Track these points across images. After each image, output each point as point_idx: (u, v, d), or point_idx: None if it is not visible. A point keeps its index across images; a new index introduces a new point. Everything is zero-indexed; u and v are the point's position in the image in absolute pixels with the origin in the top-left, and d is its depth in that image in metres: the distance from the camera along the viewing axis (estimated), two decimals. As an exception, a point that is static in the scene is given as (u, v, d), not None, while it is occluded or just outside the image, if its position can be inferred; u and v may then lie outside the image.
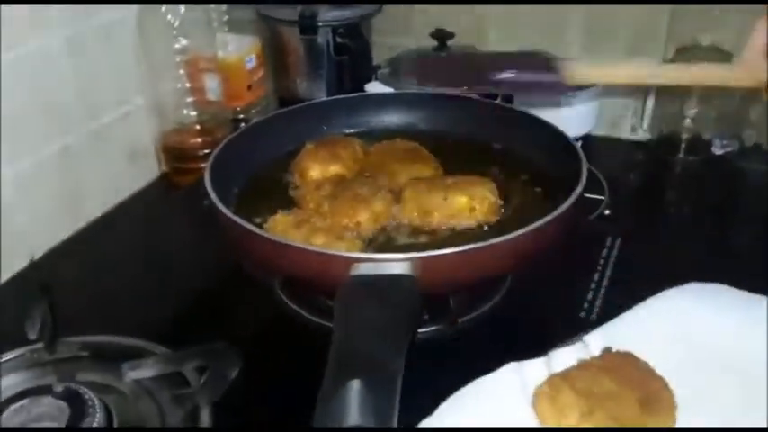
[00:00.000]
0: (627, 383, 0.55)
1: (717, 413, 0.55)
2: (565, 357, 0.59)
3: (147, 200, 1.02)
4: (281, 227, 0.69)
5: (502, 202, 0.75)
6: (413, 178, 0.78)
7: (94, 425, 0.55)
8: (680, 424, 0.54)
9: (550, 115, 0.86)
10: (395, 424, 0.45)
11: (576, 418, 0.52)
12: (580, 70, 0.71)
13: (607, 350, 0.59)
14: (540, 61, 0.74)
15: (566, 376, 0.56)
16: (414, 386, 0.56)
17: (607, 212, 0.80)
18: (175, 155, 1.04)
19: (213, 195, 0.69)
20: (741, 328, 0.62)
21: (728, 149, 1.05)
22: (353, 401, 0.44)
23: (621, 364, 0.57)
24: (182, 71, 1.01)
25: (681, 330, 0.62)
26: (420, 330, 0.68)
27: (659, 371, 0.57)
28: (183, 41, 0.99)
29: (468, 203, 0.73)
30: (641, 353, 0.58)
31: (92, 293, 0.81)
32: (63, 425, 0.55)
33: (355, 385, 0.45)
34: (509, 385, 0.57)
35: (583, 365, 0.57)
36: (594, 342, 0.60)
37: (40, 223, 0.88)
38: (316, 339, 0.55)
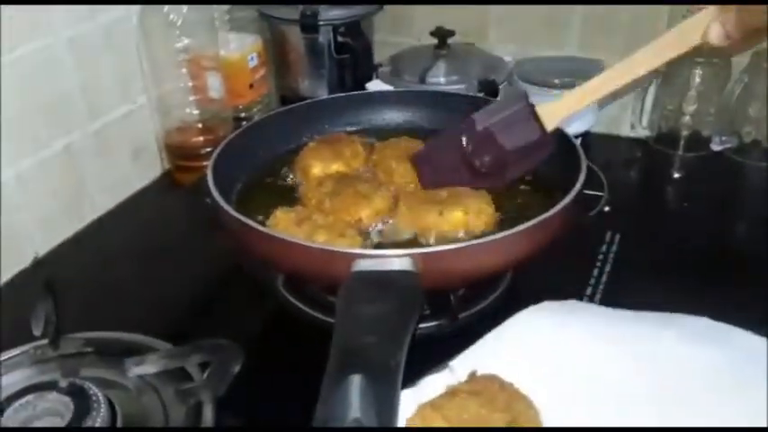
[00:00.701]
0: (494, 407, 0.55)
1: (576, 425, 0.56)
2: (433, 385, 0.59)
3: (150, 198, 1.03)
4: (282, 224, 0.70)
5: (498, 214, 0.74)
6: (407, 188, 0.78)
7: (98, 420, 0.56)
8: None
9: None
10: (396, 419, 0.46)
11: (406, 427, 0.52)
12: (553, 112, 0.74)
13: (473, 374, 0.60)
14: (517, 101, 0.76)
15: (435, 405, 0.56)
16: (414, 381, 0.57)
17: (606, 209, 0.81)
18: (178, 153, 1.05)
19: (215, 193, 0.69)
20: (595, 344, 0.63)
21: (727, 146, 1.05)
22: (354, 396, 0.45)
23: (488, 387, 0.57)
24: (184, 70, 1.02)
25: (540, 349, 0.63)
26: (420, 326, 0.69)
27: (524, 390, 0.58)
28: (186, 40, 1.00)
29: (463, 218, 0.71)
30: (506, 374, 0.59)
31: (95, 290, 0.82)
32: (67, 420, 0.56)
33: (356, 380, 0.45)
34: None
35: (451, 392, 0.57)
36: (460, 367, 0.60)
37: (43, 221, 0.89)
38: (317, 335, 0.56)
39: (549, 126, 0.75)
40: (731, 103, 1.04)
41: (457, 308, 0.72)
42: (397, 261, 0.59)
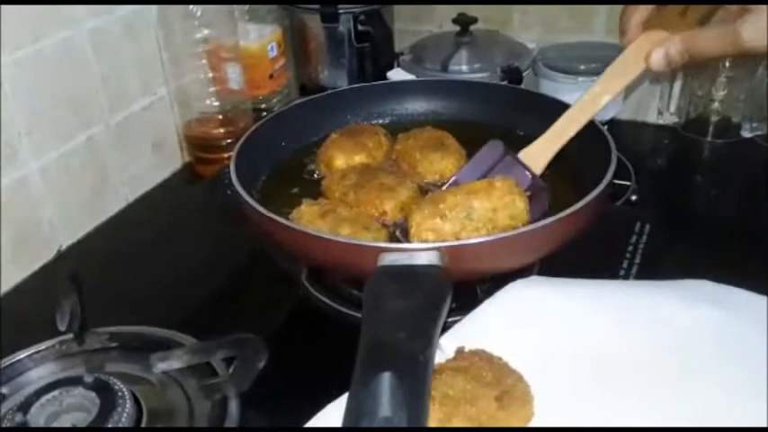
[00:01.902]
0: (482, 382, 0.54)
1: (573, 401, 0.55)
2: None
3: (171, 190, 1.03)
4: (306, 217, 0.69)
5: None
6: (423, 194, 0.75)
7: (125, 415, 0.55)
8: (538, 415, 0.54)
9: (575, 99, 0.84)
10: (427, 416, 0.45)
11: (434, 426, 0.51)
12: (535, 151, 0.75)
13: (460, 350, 0.59)
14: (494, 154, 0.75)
15: None
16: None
17: (634, 198, 0.79)
18: (198, 145, 1.05)
19: (238, 185, 0.69)
20: (586, 313, 0.62)
21: (758, 132, 1.03)
22: (384, 394, 0.44)
23: (475, 363, 0.56)
24: (203, 61, 1.01)
25: (529, 322, 0.62)
26: (447, 320, 0.68)
27: (513, 364, 0.57)
28: (205, 31, 0.99)
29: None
30: (494, 349, 0.58)
31: (118, 284, 0.82)
32: (93, 416, 0.55)
33: (386, 378, 0.45)
34: None
35: (438, 369, 0.56)
36: (448, 344, 0.59)
37: (66, 214, 0.89)
38: (342, 329, 0.55)
39: (537, 170, 0.74)
40: (761, 88, 1.01)
41: (483, 301, 0.70)
42: (423, 255, 0.58)
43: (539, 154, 0.74)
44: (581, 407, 0.55)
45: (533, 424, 0.54)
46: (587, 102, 0.73)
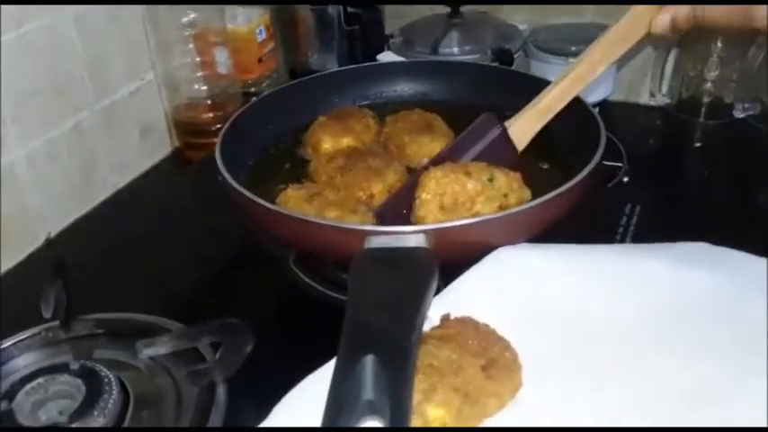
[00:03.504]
0: (468, 350, 0.53)
1: (560, 368, 0.54)
2: None
3: (160, 176, 1.02)
4: (293, 201, 0.69)
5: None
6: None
7: (111, 402, 0.55)
8: (526, 383, 0.53)
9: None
10: (410, 400, 0.45)
11: (419, 397, 0.49)
12: (525, 131, 0.74)
13: (446, 317, 0.57)
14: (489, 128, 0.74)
15: None
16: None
17: (626, 179, 0.79)
18: (187, 130, 1.04)
19: (224, 170, 0.68)
20: (575, 277, 0.61)
21: (750, 113, 1.02)
22: (367, 378, 0.44)
23: (461, 331, 0.55)
24: (191, 45, 1.00)
25: (516, 287, 0.60)
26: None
27: (500, 331, 0.56)
28: (192, 14, 0.98)
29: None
30: (480, 315, 0.57)
31: (107, 271, 0.81)
32: (79, 402, 0.55)
33: (369, 361, 0.44)
34: None
35: (422, 339, 0.54)
36: (434, 312, 0.58)
37: (53, 202, 0.88)
38: (330, 313, 0.54)
39: (520, 146, 0.74)
40: (754, 68, 1.00)
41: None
42: (410, 237, 0.58)
43: (526, 127, 0.74)
44: (569, 374, 0.54)
45: (522, 393, 0.53)
46: (583, 70, 0.71)
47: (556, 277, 0.61)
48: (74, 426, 0.54)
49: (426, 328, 0.56)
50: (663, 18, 0.64)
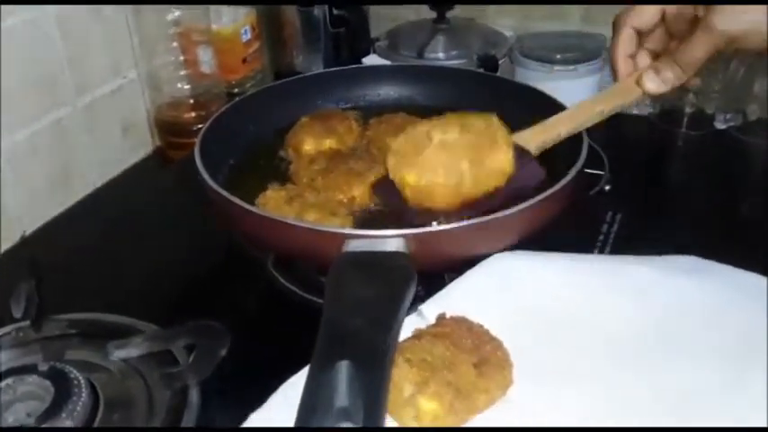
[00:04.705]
0: (461, 348, 0.54)
1: (550, 369, 0.55)
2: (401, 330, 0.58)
3: (141, 175, 1.01)
4: (272, 202, 0.68)
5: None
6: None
7: (80, 404, 0.54)
8: (517, 381, 0.54)
9: (550, 88, 0.84)
10: (385, 407, 0.44)
11: (411, 390, 0.51)
12: (523, 136, 0.72)
13: (441, 317, 0.58)
14: None
15: (400, 348, 0.54)
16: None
17: (607, 188, 0.78)
18: (169, 129, 1.03)
19: (202, 170, 0.67)
20: (568, 284, 0.62)
21: (731, 124, 1.03)
22: (341, 384, 0.43)
23: (455, 329, 0.56)
24: (175, 43, 0.99)
25: (511, 291, 0.62)
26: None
27: (494, 332, 0.57)
28: (176, 12, 0.98)
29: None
30: (475, 316, 0.58)
31: (83, 271, 0.80)
32: (47, 404, 0.54)
33: (343, 367, 0.43)
34: None
35: (417, 335, 0.56)
36: (429, 311, 0.59)
37: (31, 199, 0.87)
38: (309, 317, 0.54)
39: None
40: (736, 80, 1.01)
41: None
42: (389, 241, 0.58)
43: (530, 137, 0.72)
44: (559, 374, 0.55)
45: (512, 391, 0.54)
46: (577, 112, 0.73)
47: (550, 283, 0.62)
48: (41, 427, 0.53)
49: (422, 325, 0.58)
50: (647, 77, 0.67)
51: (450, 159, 0.67)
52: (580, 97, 1.02)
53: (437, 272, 0.67)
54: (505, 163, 0.68)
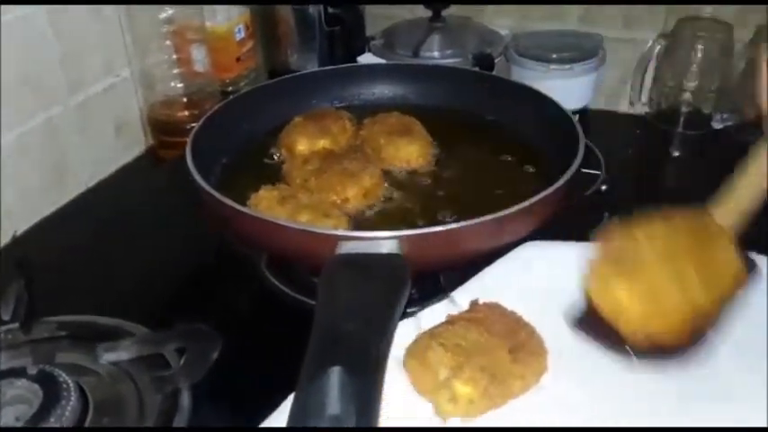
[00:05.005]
0: (495, 334, 0.54)
1: (586, 354, 0.55)
2: (433, 315, 0.59)
3: (133, 175, 1.00)
4: (265, 203, 0.67)
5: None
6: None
7: (68, 408, 0.53)
8: (552, 369, 0.54)
9: (546, 87, 0.83)
10: (378, 414, 0.43)
11: (446, 373, 0.51)
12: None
13: (474, 303, 0.59)
14: None
15: (434, 333, 0.55)
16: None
17: (604, 188, 0.78)
18: (162, 128, 1.02)
19: (193, 169, 0.67)
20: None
21: (728, 123, 1.02)
22: (333, 390, 0.42)
23: (489, 315, 0.56)
24: (168, 42, 0.98)
25: (543, 278, 0.61)
26: (408, 310, 0.66)
27: (528, 318, 0.57)
28: (170, 11, 0.96)
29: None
30: (509, 302, 0.58)
31: (74, 272, 0.79)
32: (36, 408, 0.53)
33: (335, 372, 0.43)
34: None
35: (451, 320, 0.56)
36: (462, 297, 0.60)
37: (23, 198, 0.85)
38: (302, 320, 0.53)
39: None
40: (733, 79, 1.00)
41: (447, 290, 0.69)
42: (382, 243, 0.57)
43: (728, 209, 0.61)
44: (593, 362, 0.55)
45: (547, 379, 0.54)
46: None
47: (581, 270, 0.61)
48: (30, 428, 0.52)
49: (453, 311, 0.58)
50: None
51: (675, 268, 0.53)
52: (576, 96, 1.03)
53: (432, 273, 0.67)
54: (734, 264, 0.56)
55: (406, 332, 0.57)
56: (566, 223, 0.68)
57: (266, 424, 0.51)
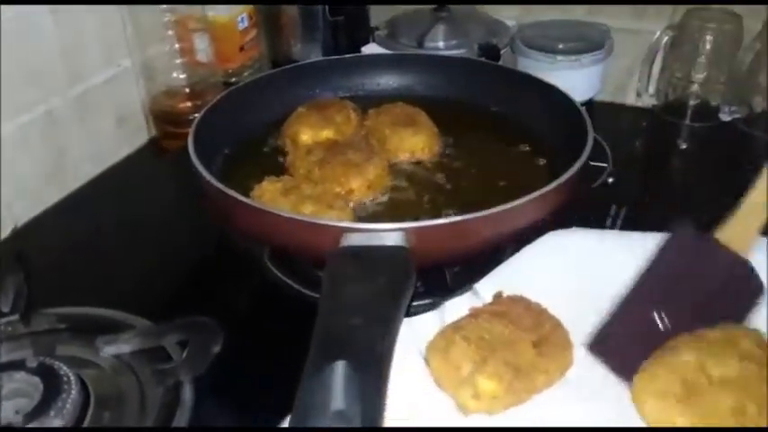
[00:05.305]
0: (520, 327, 0.54)
1: None
2: (457, 308, 0.58)
3: (135, 166, 0.99)
4: (268, 194, 0.66)
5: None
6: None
7: (69, 401, 0.52)
8: (577, 362, 0.54)
9: (552, 78, 0.82)
10: (383, 410, 0.42)
11: (470, 368, 0.51)
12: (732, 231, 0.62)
13: (498, 295, 0.58)
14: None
15: (457, 326, 0.54)
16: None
17: (610, 180, 0.77)
18: (165, 119, 1.01)
19: (196, 160, 0.66)
20: (628, 258, 0.60)
21: (736, 116, 1.01)
22: (337, 385, 0.41)
23: (513, 308, 0.56)
24: (170, 31, 0.97)
25: (568, 269, 0.61)
26: (414, 303, 0.65)
27: (552, 311, 0.56)
28: (171, 0, 0.95)
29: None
30: (533, 295, 0.58)
31: (76, 263, 0.78)
32: (36, 401, 0.52)
33: (340, 367, 0.42)
34: (401, 341, 0.52)
35: (474, 313, 0.56)
36: (485, 289, 0.59)
37: (23, 190, 0.85)
38: (305, 312, 0.52)
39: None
40: (741, 71, 0.99)
41: (453, 284, 0.68)
42: (387, 235, 0.56)
43: (739, 230, 0.60)
44: None
45: (571, 372, 0.53)
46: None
47: (607, 260, 0.61)
48: (29, 426, 0.51)
49: (477, 304, 0.58)
50: None
51: (737, 402, 0.49)
52: (583, 88, 1.01)
53: (437, 266, 0.66)
54: None
55: (428, 326, 0.56)
56: (573, 215, 0.67)
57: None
